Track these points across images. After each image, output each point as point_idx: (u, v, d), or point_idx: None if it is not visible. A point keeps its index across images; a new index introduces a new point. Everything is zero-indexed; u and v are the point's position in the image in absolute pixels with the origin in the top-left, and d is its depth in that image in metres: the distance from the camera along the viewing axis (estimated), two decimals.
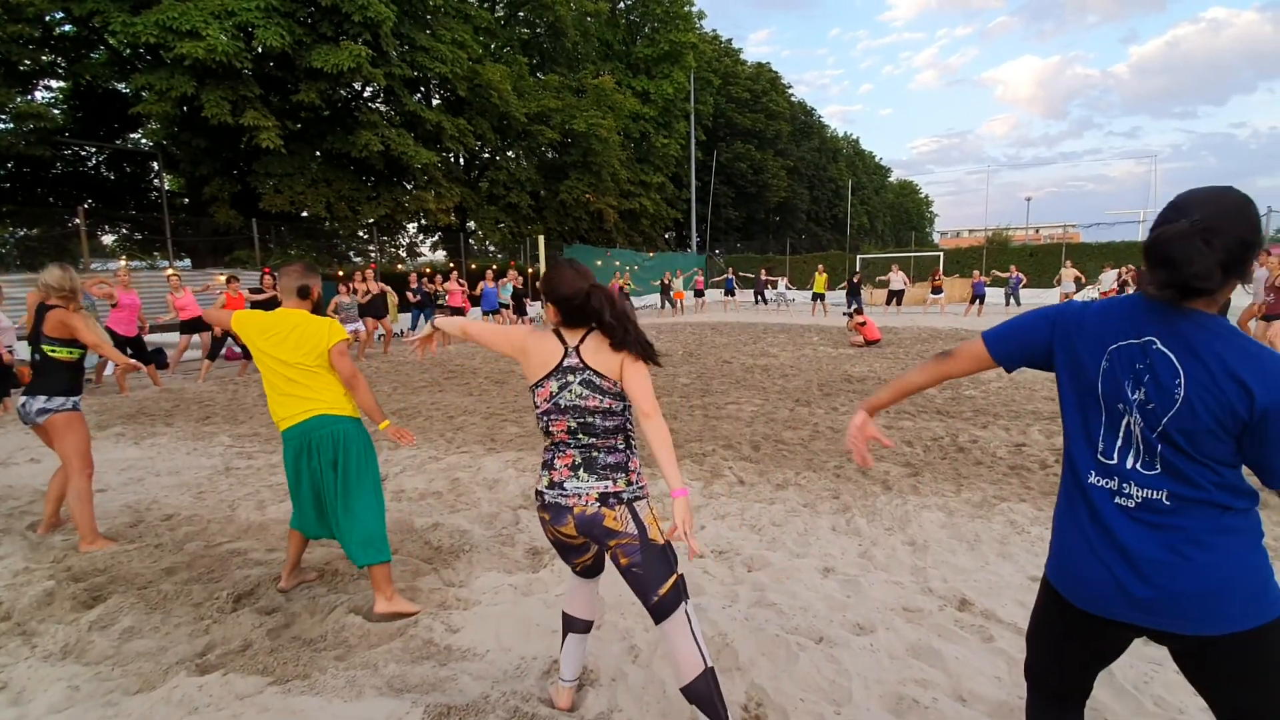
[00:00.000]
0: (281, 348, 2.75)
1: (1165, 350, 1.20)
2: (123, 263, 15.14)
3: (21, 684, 2.26)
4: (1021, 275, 19.50)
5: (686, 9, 35.51)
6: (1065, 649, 1.42)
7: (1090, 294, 19.01)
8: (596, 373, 1.81)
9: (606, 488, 1.82)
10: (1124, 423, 1.25)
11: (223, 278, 10.74)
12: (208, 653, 2.49)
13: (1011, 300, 19.40)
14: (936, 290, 20.10)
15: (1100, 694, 2.09)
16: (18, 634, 2.61)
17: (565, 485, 1.84)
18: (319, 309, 2.96)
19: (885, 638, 2.53)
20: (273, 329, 2.78)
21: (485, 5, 27.77)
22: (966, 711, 2.10)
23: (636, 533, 1.82)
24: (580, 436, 1.83)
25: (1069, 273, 18.34)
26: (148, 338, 9.77)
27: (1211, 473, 1.19)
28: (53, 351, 3.53)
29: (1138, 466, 1.24)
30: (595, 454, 1.84)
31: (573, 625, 2.12)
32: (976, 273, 19.69)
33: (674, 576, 1.84)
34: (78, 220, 15.09)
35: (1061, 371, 1.35)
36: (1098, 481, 1.28)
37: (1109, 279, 17.86)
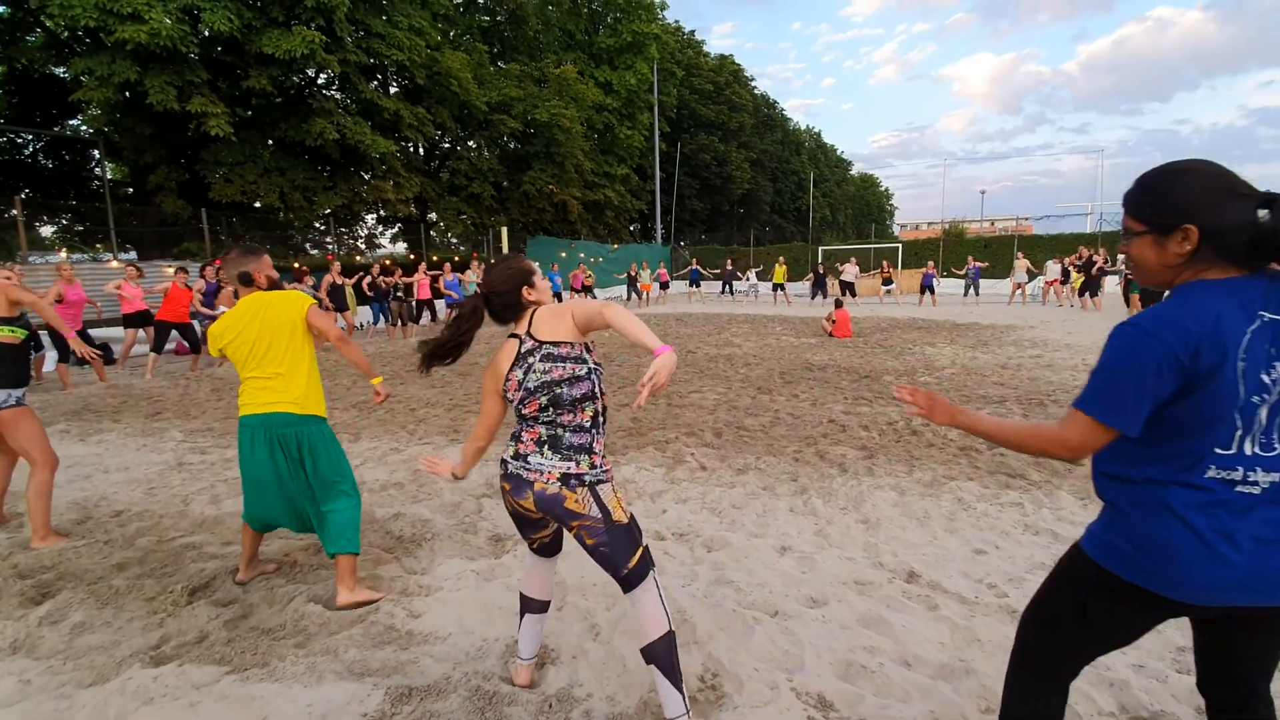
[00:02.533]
0: (239, 347, 2.70)
1: None
2: (63, 255, 14.50)
3: None
4: (980, 265, 20.09)
5: (649, 0, 35.42)
6: (1115, 640, 1.39)
7: (1039, 284, 19.73)
8: (551, 343, 1.86)
9: (569, 469, 1.84)
10: (1257, 412, 1.20)
11: (171, 269, 10.36)
12: (162, 645, 2.46)
13: (971, 290, 19.97)
14: (887, 282, 20.65)
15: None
16: None
17: (529, 459, 1.87)
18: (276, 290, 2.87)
19: (837, 609, 2.64)
20: (229, 331, 2.71)
21: None
22: (911, 674, 2.22)
23: (600, 516, 1.85)
24: (550, 411, 1.86)
25: (1021, 264, 19.04)
26: (94, 332, 9.42)
27: None
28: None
29: (1257, 451, 1.21)
30: (561, 432, 1.86)
31: (530, 606, 2.15)
32: (930, 264, 20.25)
33: (639, 549, 1.89)
34: (14, 211, 14.37)
35: (1190, 395, 1.21)
36: (1217, 475, 1.23)
37: (1054, 269, 18.64)
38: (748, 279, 23.73)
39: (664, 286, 24.43)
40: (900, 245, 30.92)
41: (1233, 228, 1.19)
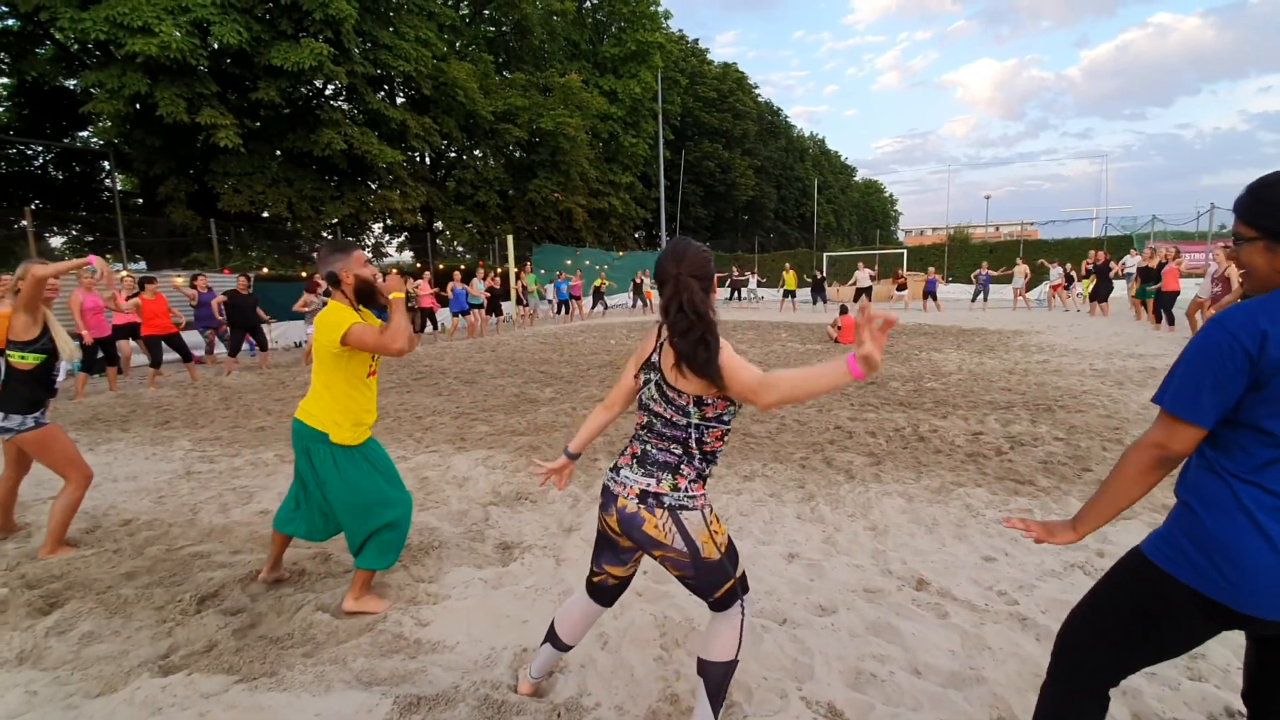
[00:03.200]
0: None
1: None
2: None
3: None
4: (991, 272, 20.08)
5: (653, 9, 35.62)
6: (1172, 650, 1.35)
7: (1044, 289, 19.70)
8: (668, 383, 1.72)
9: (649, 485, 1.73)
10: None
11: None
12: (171, 654, 2.46)
13: (980, 296, 19.91)
14: (901, 288, 20.67)
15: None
16: None
17: (621, 470, 1.81)
18: (369, 297, 2.65)
19: (846, 617, 2.62)
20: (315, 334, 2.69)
21: (449, 3, 27.47)
22: (921, 683, 2.20)
23: (686, 550, 1.72)
24: (644, 433, 1.81)
25: (1020, 269, 19.29)
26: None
27: None
28: (11, 356, 3.36)
29: None
30: (651, 450, 1.77)
31: (555, 641, 2.08)
32: (932, 269, 20.34)
33: (730, 581, 1.78)
34: (24, 221, 14.50)
35: (1262, 390, 1.19)
36: None
37: (1055, 273, 18.67)
38: (749, 285, 23.79)
39: None
40: (905, 251, 30.90)
41: None
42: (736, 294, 23.96)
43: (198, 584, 3.01)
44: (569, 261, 23.16)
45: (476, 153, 28.65)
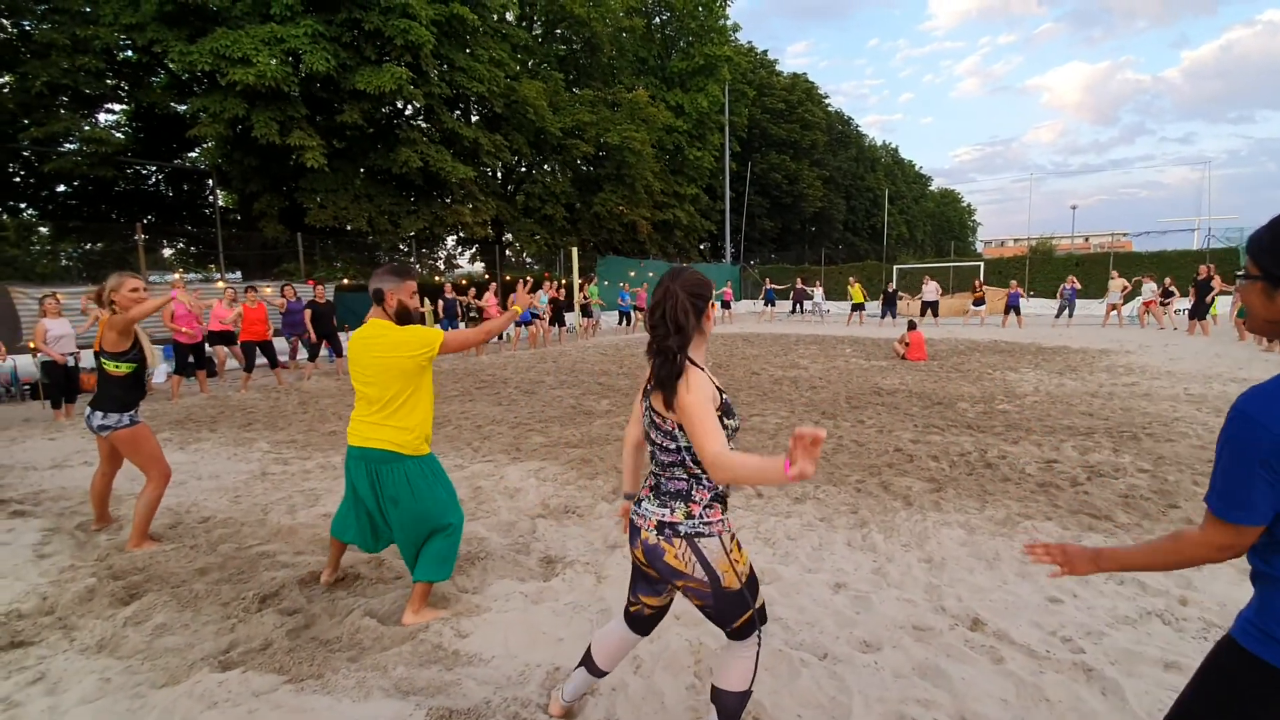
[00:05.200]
0: (354, 368, 2.78)
1: None
2: (177, 275, 15.88)
3: (58, 675, 2.40)
4: (1077, 285, 18.60)
5: (721, 23, 35.72)
6: None
7: (1137, 305, 18.29)
8: (653, 407, 1.77)
9: (664, 516, 1.75)
10: None
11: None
12: (230, 650, 2.61)
13: (1065, 312, 18.48)
14: (979, 302, 19.52)
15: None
16: (59, 627, 2.78)
17: (642, 503, 1.83)
18: (405, 320, 2.77)
19: (891, 656, 2.50)
20: (351, 349, 2.78)
21: (522, 24, 28.41)
22: None
23: (706, 579, 1.72)
24: (653, 464, 1.83)
25: (1116, 283, 17.72)
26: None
27: None
28: (107, 365, 3.73)
29: None
30: (661, 480, 1.80)
31: (590, 666, 2.09)
32: (1014, 283, 19.09)
33: (749, 612, 1.79)
34: (138, 235, 15.91)
35: None
36: None
37: (1149, 290, 17.05)
38: (813, 299, 23.11)
39: (725, 306, 24.21)
40: (982, 263, 29.54)
41: None
42: (799, 307, 23.39)
43: (261, 583, 3.19)
44: (633, 273, 23.33)
45: (545, 167, 29.42)
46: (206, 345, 9.99)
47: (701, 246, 40.11)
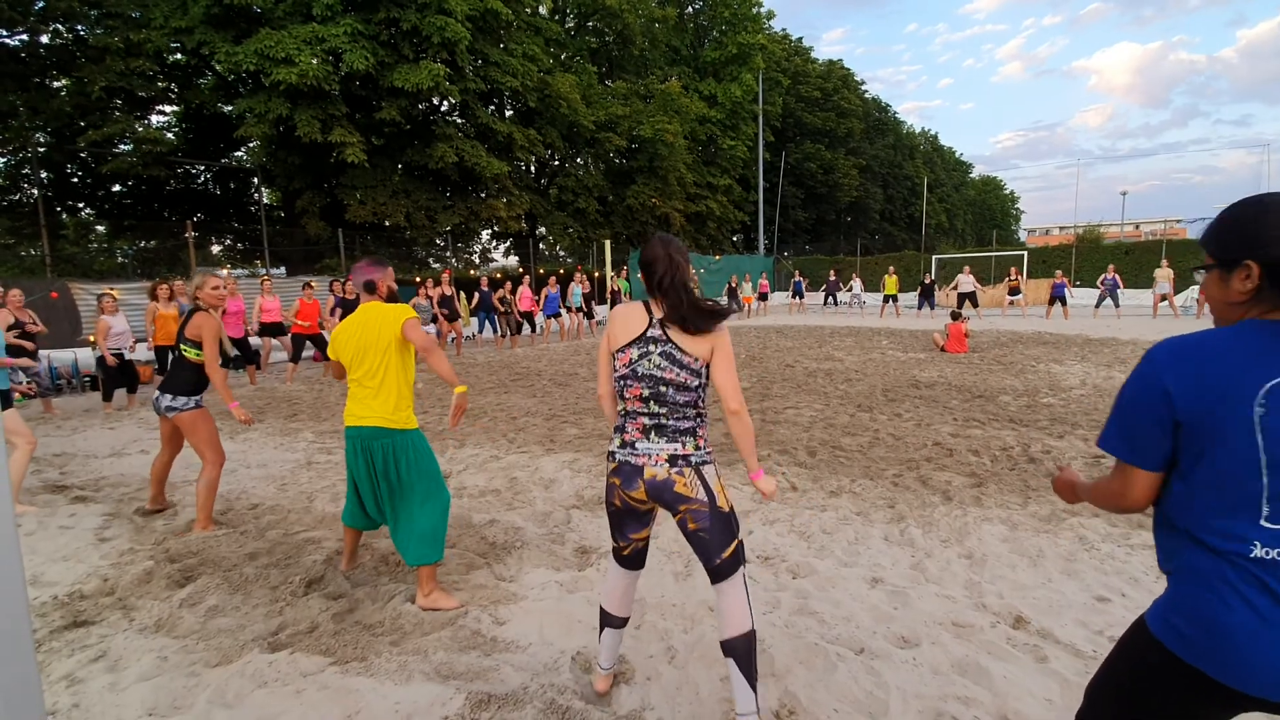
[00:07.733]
0: (347, 350, 2.93)
1: None
2: (225, 271, 16.45)
3: (119, 653, 2.53)
4: (1118, 277, 17.83)
5: (755, 11, 35.23)
6: None
7: (1192, 294, 17.50)
8: (679, 347, 1.87)
9: (676, 450, 1.89)
10: None
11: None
12: (279, 632, 2.70)
13: (1103, 303, 17.86)
14: (1014, 291, 18.93)
15: None
16: (119, 608, 2.92)
17: (636, 445, 1.93)
18: (394, 299, 3.05)
19: (930, 652, 2.46)
20: (343, 334, 2.96)
21: (555, 17, 28.46)
22: None
23: (706, 499, 1.90)
24: (652, 405, 1.91)
25: (1163, 273, 16.81)
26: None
27: None
28: (186, 351, 3.93)
29: None
30: (665, 421, 1.91)
31: (610, 621, 2.19)
32: (1059, 273, 18.42)
33: (735, 541, 1.94)
34: (188, 233, 16.50)
35: (1195, 439, 1.15)
36: (1266, 554, 1.11)
37: (1201, 278, 16.16)
38: (851, 290, 22.59)
39: (763, 298, 24.00)
40: (1026, 252, 28.59)
41: None
42: (832, 299, 22.74)
43: (306, 568, 3.29)
44: (702, 270, 23.19)
45: (578, 161, 29.50)
46: (255, 338, 10.35)
47: (734, 238, 39.77)
